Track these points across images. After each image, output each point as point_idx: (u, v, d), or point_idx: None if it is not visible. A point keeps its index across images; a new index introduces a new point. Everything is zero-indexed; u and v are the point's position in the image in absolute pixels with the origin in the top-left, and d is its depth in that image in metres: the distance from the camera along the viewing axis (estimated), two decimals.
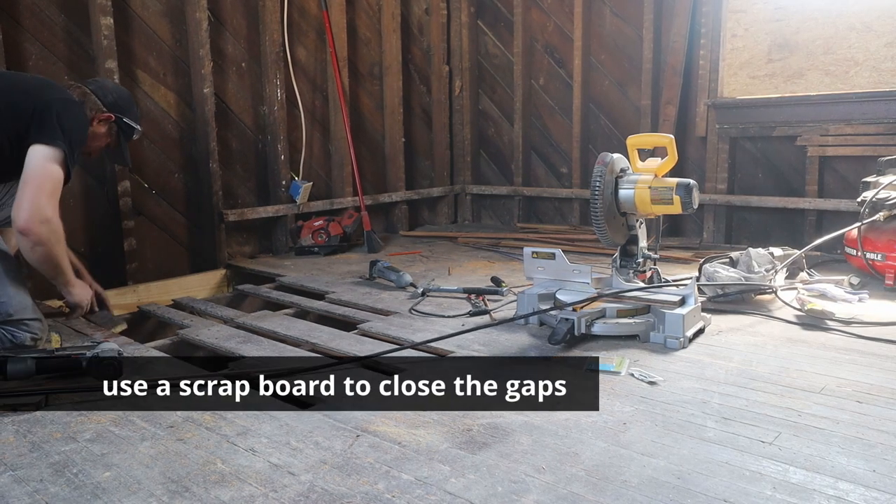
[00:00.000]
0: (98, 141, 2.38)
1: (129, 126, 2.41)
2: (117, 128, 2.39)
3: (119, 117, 2.37)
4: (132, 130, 2.44)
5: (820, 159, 3.58)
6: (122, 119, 2.38)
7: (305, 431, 1.60)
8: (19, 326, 2.14)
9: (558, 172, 4.70)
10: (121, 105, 2.39)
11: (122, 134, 2.41)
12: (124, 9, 3.19)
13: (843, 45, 3.54)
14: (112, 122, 2.37)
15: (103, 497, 1.33)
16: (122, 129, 2.40)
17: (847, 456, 1.44)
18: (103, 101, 2.35)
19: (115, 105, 2.37)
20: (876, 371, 1.93)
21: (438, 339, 2.22)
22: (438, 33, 4.80)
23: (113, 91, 2.42)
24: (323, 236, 3.85)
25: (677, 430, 1.58)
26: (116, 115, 2.37)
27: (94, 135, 2.35)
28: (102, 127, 2.36)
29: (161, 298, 3.07)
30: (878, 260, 2.77)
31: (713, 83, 3.88)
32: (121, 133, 2.41)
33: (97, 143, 2.38)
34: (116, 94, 2.43)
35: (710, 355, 2.09)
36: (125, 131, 2.41)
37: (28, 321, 2.17)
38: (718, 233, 3.95)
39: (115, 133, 2.40)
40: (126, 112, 2.40)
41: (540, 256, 2.50)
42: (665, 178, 2.33)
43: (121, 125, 2.39)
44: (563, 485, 1.35)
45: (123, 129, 2.41)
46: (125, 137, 2.43)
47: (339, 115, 4.10)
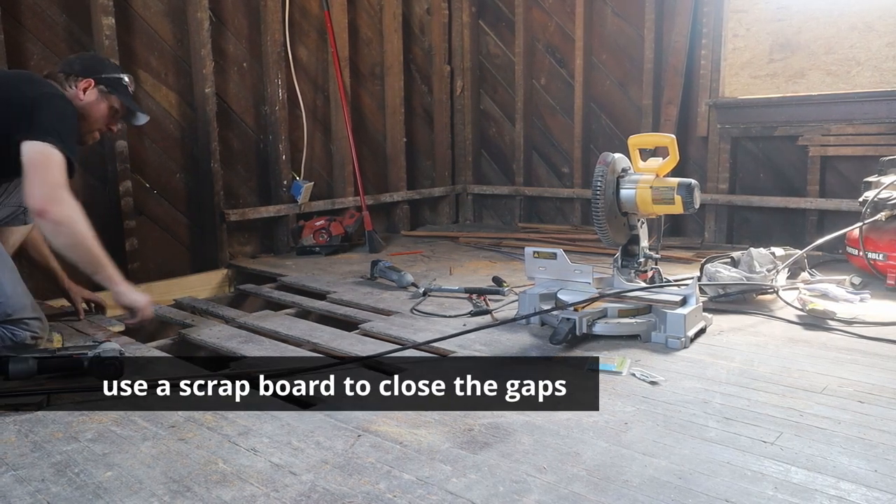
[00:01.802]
0: (99, 110, 2.30)
1: (114, 79, 2.31)
2: (107, 88, 2.30)
3: (98, 77, 2.28)
4: (120, 81, 2.33)
5: (821, 159, 3.57)
6: (101, 77, 2.29)
7: (307, 431, 1.60)
8: (19, 325, 2.14)
9: (560, 172, 4.70)
10: (91, 66, 2.31)
11: (115, 91, 2.32)
12: (126, 9, 3.19)
13: (844, 44, 3.53)
14: (97, 87, 2.28)
15: (105, 497, 1.33)
16: (112, 86, 2.31)
17: (849, 456, 1.44)
18: (72, 72, 2.27)
19: (85, 69, 2.28)
20: (878, 371, 1.92)
21: (440, 340, 2.22)
22: (440, 33, 4.80)
23: (77, 60, 2.35)
24: (324, 236, 3.85)
25: (679, 430, 1.58)
26: (94, 77, 2.27)
27: (91, 108, 2.28)
28: (92, 95, 2.27)
29: (162, 298, 3.08)
30: (880, 260, 2.77)
31: (714, 83, 3.88)
32: (113, 91, 2.32)
33: (100, 112, 2.30)
34: (81, 60, 2.35)
35: (712, 355, 2.09)
36: (115, 86, 2.32)
37: (28, 320, 2.16)
38: (720, 233, 3.94)
39: (108, 94, 2.31)
40: (100, 70, 2.31)
41: (541, 256, 2.50)
42: (666, 178, 2.33)
43: (106, 83, 2.30)
44: (565, 485, 1.34)
45: (113, 85, 2.31)
46: (121, 93, 2.33)
47: (340, 115, 4.10)
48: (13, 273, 2.18)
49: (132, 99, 2.39)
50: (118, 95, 2.33)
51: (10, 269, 2.18)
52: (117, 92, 2.32)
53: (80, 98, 2.26)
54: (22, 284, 2.20)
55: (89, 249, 2.11)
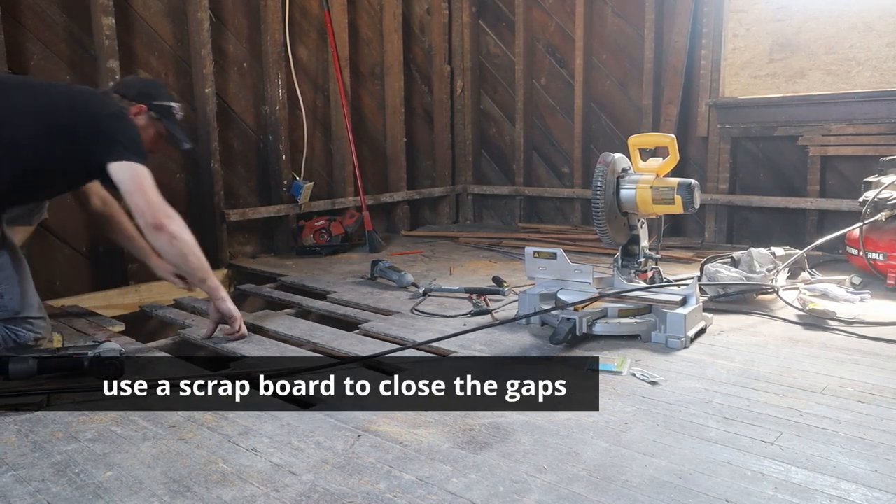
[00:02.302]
0: (148, 135, 2.36)
1: (165, 107, 2.39)
2: (157, 115, 2.37)
3: (151, 104, 2.35)
4: (170, 109, 2.40)
5: (821, 159, 3.57)
6: (153, 104, 2.36)
7: (307, 431, 1.60)
8: (23, 325, 2.15)
9: (560, 172, 4.69)
10: (146, 92, 2.38)
11: (164, 118, 2.38)
12: (126, 9, 3.19)
13: (844, 44, 3.53)
14: (147, 112, 2.35)
15: (105, 497, 1.33)
16: (161, 112, 2.38)
17: (849, 456, 1.44)
18: (128, 96, 2.34)
19: (140, 95, 2.36)
20: (878, 371, 1.92)
21: (440, 340, 2.22)
22: (440, 33, 4.80)
23: (134, 84, 2.45)
24: (324, 236, 3.85)
25: (679, 430, 1.58)
26: (147, 103, 2.35)
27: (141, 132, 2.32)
28: (142, 120, 2.33)
29: (163, 298, 3.07)
30: (880, 260, 2.77)
31: (715, 83, 3.88)
32: (163, 118, 2.38)
33: (148, 137, 2.36)
34: (138, 84, 2.45)
35: (712, 355, 2.09)
36: (165, 114, 2.39)
37: (33, 319, 2.18)
38: (720, 233, 3.94)
39: (156, 120, 2.38)
40: (155, 97, 2.38)
41: (541, 256, 2.50)
42: (666, 178, 2.33)
43: (157, 110, 2.37)
44: (565, 485, 1.34)
45: (163, 113, 2.38)
46: (170, 120, 2.40)
47: (340, 115, 4.10)
48: (26, 273, 2.22)
49: (179, 127, 2.45)
50: (166, 122, 2.39)
51: (24, 269, 2.22)
52: (166, 119, 2.39)
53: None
54: (32, 284, 2.23)
55: (199, 259, 2.22)
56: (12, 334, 2.13)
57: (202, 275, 2.25)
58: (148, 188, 2.13)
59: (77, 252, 3.07)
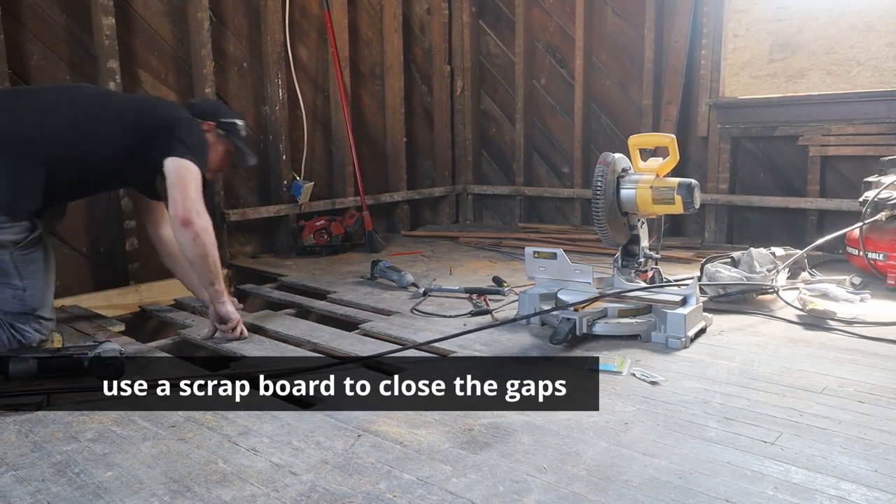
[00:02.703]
0: (216, 152, 2.49)
1: (231, 124, 2.51)
2: (224, 132, 2.50)
3: (218, 122, 2.48)
4: (235, 126, 2.52)
5: (821, 159, 3.57)
6: (220, 121, 2.49)
7: (307, 431, 1.60)
8: (33, 324, 2.16)
9: (560, 172, 4.70)
10: (212, 111, 2.53)
11: (230, 135, 2.51)
12: (126, 9, 3.19)
13: (844, 44, 3.53)
14: (215, 129, 2.48)
15: (105, 497, 1.33)
16: (228, 129, 2.50)
17: (849, 456, 1.44)
18: (196, 114, 2.46)
19: (208, 113, 2.49)
20: (878, 371, 1.92)
21: (440, 340, 2.22)
22: (440, 33, 4.80)
23: (200, 103, 2.64)
24: (324, 236, 3.85)
25: (679, 430, 1.58)
26: (214, 121, 2.48)
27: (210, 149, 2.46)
28: (211, 137, 2.47)
29: (163, 298, 3.07)
30: (880, 260, 2.77)
31: (715, 83, 3.88)
32: (229, 134, 2.51)
33: (217, 153, 2.49)
34: (204, 104, 2.63)
35: (712, 355, 2.09)
36: (231, 130, 2.51)
37: (44, 320, 2.20)
38: (720, 233, 3.94)
39: (224, 137, 2.50)
40: (220, 115, 2.52)
41: (541, 256, 2.50)
42: (667, 178, 2.33)
43: (224, 127, 2.49)
44: (565, 485, 1.35)
45: (229, 130, 2.50)
46: (236, 136, 2.52)
47: (340, 115, 4.10)
48: (52, 275, 2.26)
49: (244, 142, 2.57)
50: (233, 138, 2.52)
51: (51, 271, 2.26)
52: (233, 135, 2.51)
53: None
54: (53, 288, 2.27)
55: (215, 262, 2.30)
56: (18, 334, 2.13)
57: (212, 278, 2.31)
58: (190, 185, 2.21)
59: (77, 252, 3.07)
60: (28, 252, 2.15)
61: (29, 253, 2.15)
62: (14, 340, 2.13)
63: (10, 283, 2.13)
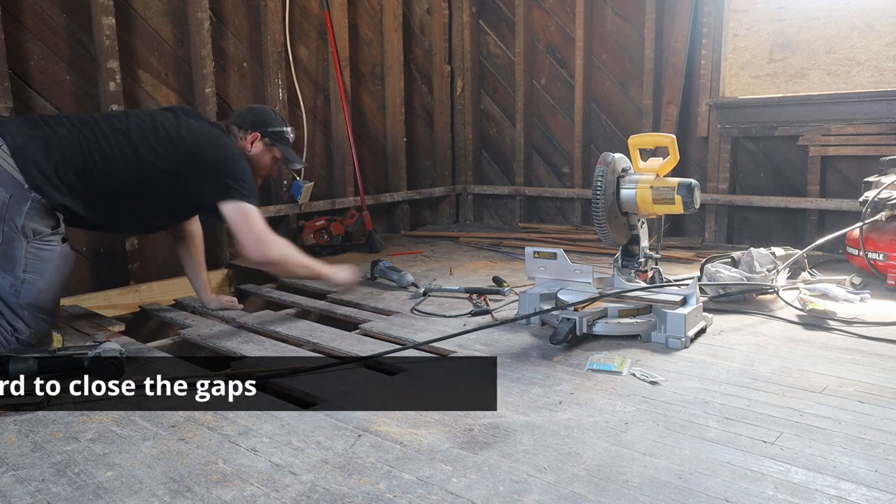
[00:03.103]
0: (265, 160, 2.59)
1: (278, 133, 2.59)
2: (271, 140, 2.58)
3: (265, 131, 2.56)
4: (282, 134, 2.61)
5: (822, 159, 3.57)
6: (267, 130, 2.57)
7: (307, 431, 1.60)
8: (23, 317, 2.14)
9: (560, 172, 4.70)
10: (259, 120, 2.58)
11: (277, 143, 2.59)
12: (126, 9, 3.19)
13: (844, 44, 3.53)
14: (262, 139, 2.56)
15: (105, 497, 1.33)
16: (275, 138, 2.59)
17: (849, 456, 1.44)
18: (243, 125, 2.56)
19: (254, 123, 2.57)
20: (878, 371, 1.92)
21: (440, 340, 2.22)
22: (440, 33, 4.80)
23: (247, 113, 2.65)
24: (325, 236, 3.85)
25: (679, 430, 1.58)
26: (260, 130, 2.56)
27: (258, 158, 2.56)
28: (258, 147, 2.56)
29: (163, 298, 3.08)
30: (880, 260, 2.77)
31: (715, 83, 3.88)
32: (276, 142, 2.59)
33: (265, 162, 2.59)
34: (251, 113, 2.64)
35: (712, 355, 2.09)
36: (278, 139, 2.60)
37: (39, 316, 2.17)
38: (720, 233, 3.94)
39: (271, 146, 2.59)
40: (267, 124, 2.59)
41: (542, 256, 2.50)
42: (667, 178, 2.33)
43: (271, 136, 2.58)
44: (565, 485, 1.34)
45: (276, 138, 2.59)
46: (283, 143, 2.61)
47: (340, 115, 4.10)
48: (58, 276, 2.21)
49: (291, 148, 2.67)
50: (280, 146, 2.61)
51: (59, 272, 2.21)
52: (280, 143, 2.61)
53: (248, 149, 2.55)
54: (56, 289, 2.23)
55: (306, 268, 2.52)
56: (10, 325, 2.12)
57: (314, 275, 2.57)
58: (254, 224, 2.37)
59: (77, 252, 3.06)
60: (43, 248, 2.15)
61: (43, 249, 2.15)
62: (7, 331, 2.12)
63: (13, 272, 2.13)
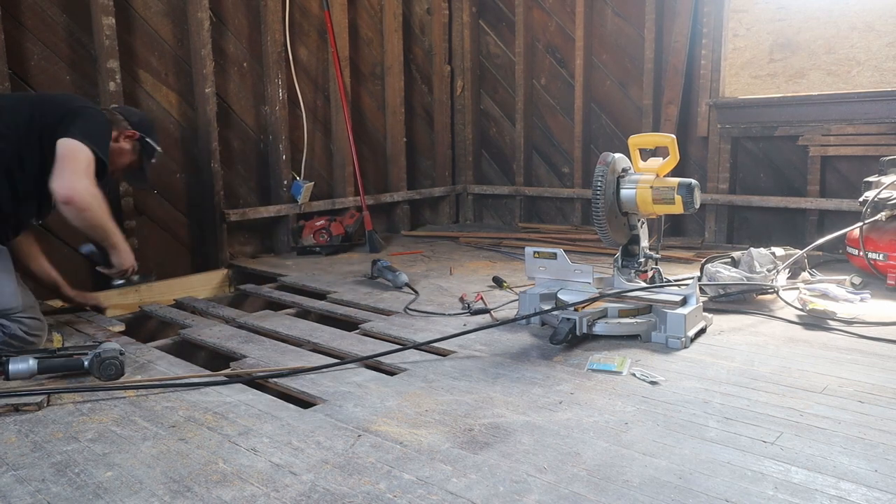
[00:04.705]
0: (123, 157, 2.48)
1: (150, 147, 2.54)
2: (140, 147, 2.51)
3: (143, 136, 2.50)
4: (153, 151, 2.56)
5: (822, 159, 3.57)
6: (144, 139, 2.51)
7: (307, 431, 1.60)
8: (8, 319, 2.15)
9: (560, 172, 4.70)
10: (144, 126, 2.53)
11: (144, 154, 2.53)
12: (126, 9, 3.19)
13: (844, 44, 3.53)
14: (136, 141, 2.50)
15: (105, 497, 1.33)
16: (145, 148, 2.53)
17: (849, 456, 1.44)
18: (129, 119, 2.49)
19: (139, 125, 2.51)
20: (878, 371, 1.92)
21: (440, 340, 2.22)
22: (440, 33, 4.80)
23: (137, 113, 2.60)
24: (325, 236, 3.85)
25: (679, 430, 1.58)
26: (140, 133, 2.49)
27: (119, 151, 2.45)
28: (127, 144, 2.48)
29: (163, 298, 3.08)
30: (880, 260, 2.77)
31: (715, 83, 3.88)
32: (143, 153, 2.53)
33: (122, 159, 2.48)
34: (140, 116, 2.59)
35: (712, 355, 2.09)
36: (147, 151, 2.54)
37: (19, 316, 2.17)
38: (720, 233, 3.94)
39: (138, 152, 2.52)
40: (149, 132, 2.54)
41: (541, 256, 2.50)
42: (667, 178, 2.33)
43: (143, 145, 2.52)
44: (565, 485, 1.35)
45: (146, 149, 2.53)
46: (147, 158, 2.55)
47: (340, 115, 4.10)
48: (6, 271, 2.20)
49: (150, 167, 2.61)
50: (144, 158, 2.55)
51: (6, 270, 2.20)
52: (145, 155, 2.55)
53: (119, 138, 2.45)
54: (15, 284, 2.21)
55: (105, 228, 2.32)
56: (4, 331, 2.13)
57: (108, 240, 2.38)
58: (80, 163, 2.16)
59: (77, 252, 3.06)
60: None
61: None
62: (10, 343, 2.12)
63: None
